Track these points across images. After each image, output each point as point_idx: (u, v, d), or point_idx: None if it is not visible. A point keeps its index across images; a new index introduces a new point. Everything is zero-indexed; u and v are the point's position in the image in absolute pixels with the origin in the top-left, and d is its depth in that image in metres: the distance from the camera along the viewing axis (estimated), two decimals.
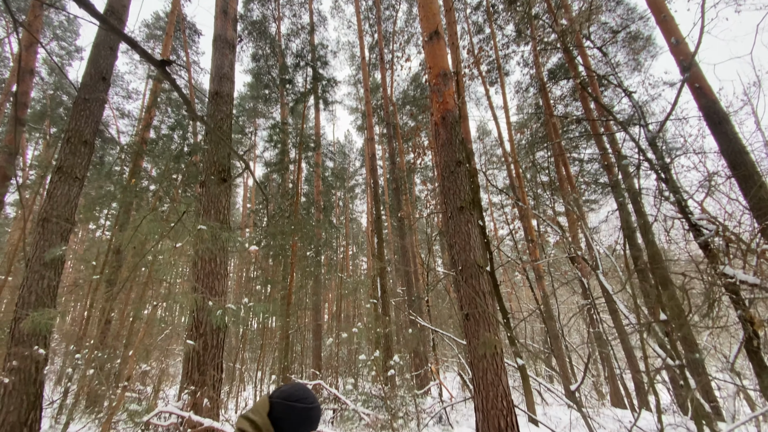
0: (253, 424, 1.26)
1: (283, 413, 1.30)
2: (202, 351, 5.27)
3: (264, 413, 1.29)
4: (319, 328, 9.99)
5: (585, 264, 9.83)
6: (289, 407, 1.31)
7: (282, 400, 1.32)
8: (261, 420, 1.27)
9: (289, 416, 1.30)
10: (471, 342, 4.60)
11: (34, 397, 6.13)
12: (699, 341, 6.54)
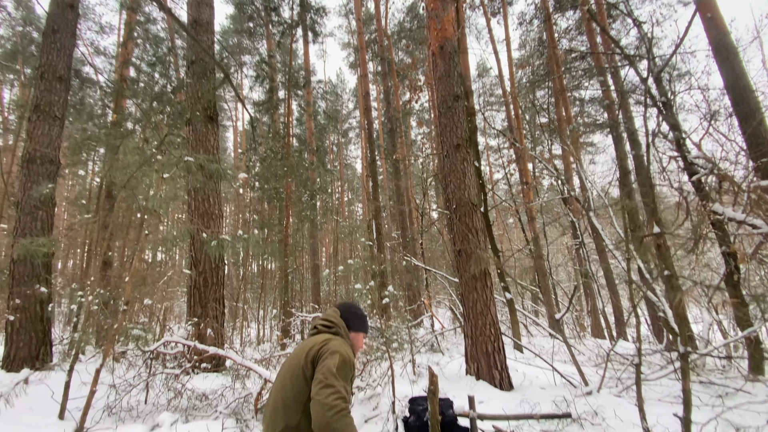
0: (334, 317, 1.84)
1: (349, 314, 1.90)
2: (202, 287, 5.44)
3: (338, 316, 1.86)
4: (317, 268, 10.30)
5: (577, 205, 9.95)
6: (352, 312, 1.91)
7: (345, 309, 1.92)
8: (336, 318, 1.84)
9: (352, 316, 1.90)
10: (462, 276, 4.76)
11: (42, 334, 6.41)
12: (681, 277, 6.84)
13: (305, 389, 1.47)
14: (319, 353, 1.53)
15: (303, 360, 1.53)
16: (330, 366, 1.44)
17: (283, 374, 1.59)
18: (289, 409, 1.47)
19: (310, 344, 1.60)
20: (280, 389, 1.55)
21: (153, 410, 3.89)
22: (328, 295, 9.76)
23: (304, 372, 1.50)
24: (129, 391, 3.98)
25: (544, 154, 10.15)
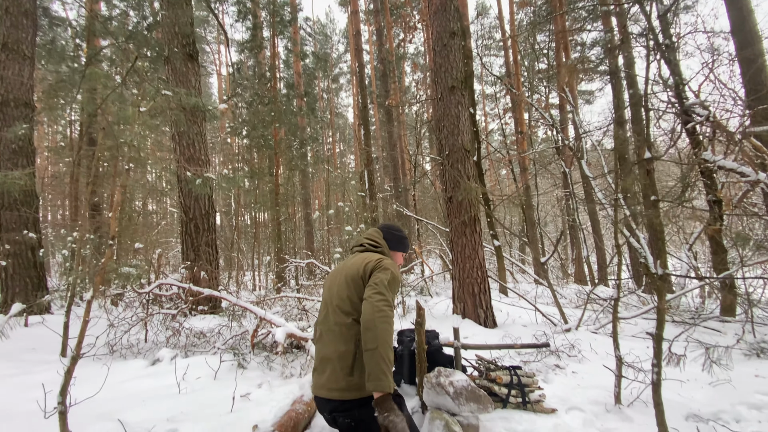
0: (378, 238, 2.03)
1: (390, 236, 2.09)
2: (194, 233, 5.45)
3: (380, 237, 2.05)
4: (309, 217, 10.33)
5: (570, 154, 9.89)
6: (392, 233, 2.10)
7: (387, 229, 2.11)
8: (380, 239, 2.04)
9: (393, 237, 2.09)
10: (453, 222, 4.82)
11: (37, 279, 6.49)
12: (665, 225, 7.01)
13: (363, 291, 1.71)
14: (375, 266, 1.75)
15: (362, 270, 1.75)
16: (383, 279, 1.69)
17: (340, 280, 1.82)
18: (351, 303, 1.73)
19: (365, 258, 1.82)
20: (339, 290, 1.78)
21: (153, 347, 4.05)
22: (322, 243, 9.89)
23: (363, 280, 1.74)
24: (128, 330, 4.12)
25: (541, 102, 9.88)
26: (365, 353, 1.55)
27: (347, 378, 1.64)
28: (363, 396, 1.63)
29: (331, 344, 1.71)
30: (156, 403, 2.67)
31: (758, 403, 2.55)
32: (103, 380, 3.23)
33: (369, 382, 1.50)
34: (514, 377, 2.57)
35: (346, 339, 1.68)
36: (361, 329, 1.60)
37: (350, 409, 1.67)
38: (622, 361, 2.52)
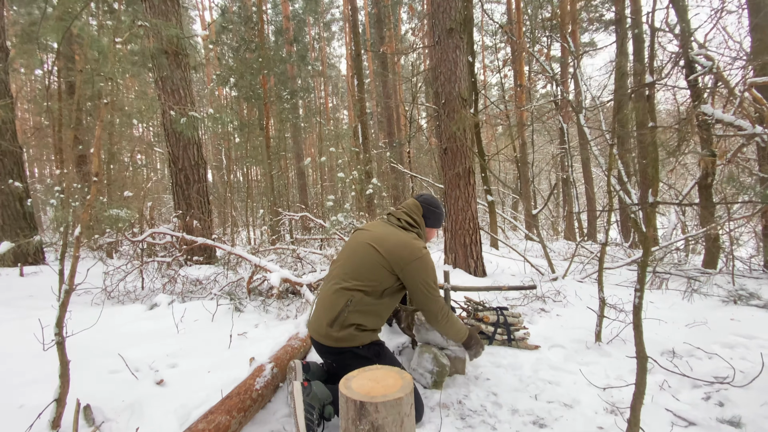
0: (417, 216, 2.07)
1: (429, 212, 2.12)
2: (184, 185, 5.37)
3: (420, 214, 2.09)
4: (302, 171, 10.20)
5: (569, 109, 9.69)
6: (432, 210, 2.13)
7: (428, 205, 2.12)
8: (419, 217, 2.08)
9: (432, 215, 2.13)
10: (447, 174, 4.78)
11: (29, 231, 6.43)
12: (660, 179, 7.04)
13: (387, 277, 1.84)
14: (412, 268, 1.84)
15: (393, 258, 1.83)
16: (430, 284, 1.88)
17: (365, 248, 1.90)
18: (363, 279, 1.83)
19: (400, 244, 1.87)
20: (358, 256, 1.89)
21: (150, 294, 4.13)
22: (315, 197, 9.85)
23: (391, 269, 1.84)
24: (124, 278, 4.17)
25: (542, 52, 9.49)
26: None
27: (327, 328, 1.81)
28: (338, 346, 1.81)
29: (328, 295, 1.88)
30: (155, 342, 2.75)
31: (732, 343, 2.70)
32: (102, 322, 3.31)
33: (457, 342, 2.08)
34: (501, 317, 2.68)
35: (339, 295, 1.82)
36: (439, 330, 2.02)
37: (329, 353, 1.88)
38: (605, 302, 2.62)
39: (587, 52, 16.14)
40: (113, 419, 1.77)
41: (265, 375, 1.91)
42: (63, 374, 1.65)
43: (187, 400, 1.88)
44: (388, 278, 1.85)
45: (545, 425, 1.78)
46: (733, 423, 1.74)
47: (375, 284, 1.83)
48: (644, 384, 1.17)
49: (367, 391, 1.37)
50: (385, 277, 1.84)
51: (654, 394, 2.03)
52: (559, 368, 2.34)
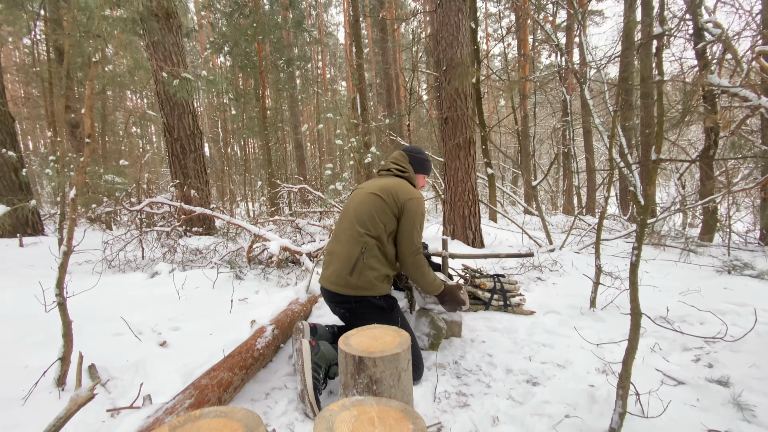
0: (404, 163, 2.19)
1: (414, 159, 2.25)
2: (180, 155, 5.30)
3: (407, 161, 2.22)
4: (300, 142, 10.06)
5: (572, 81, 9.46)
6: (416, 157, 2.26)
7: (412, 153, 2.27)
8: (406, 164, 2.20)
9: (417, 161, 2.25)
10: (447, 144, 4.72)
11: (26, 201, 6.41)
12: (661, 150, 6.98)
13: (390, 220, 1.93)
14: (406, 206, 1.93)
15: (392, 199, 1.94)
16: (416, 226, 1.95)
17: (365, 195, 1.99)
18: (372, 226, 1.91)
19: (397, 186, 1.98)
20: (362, 204, 1.97)
21: (150, 263, 4.16)
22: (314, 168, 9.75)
23: (392, 208, 1.93)
24: (123, 247, 4.19)
25: (547, 18, 9.16)
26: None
27: (347, 277, 1.86)
28: (358, 294, 1.88)
29: (340, 244, 1.95)
30: (157, 307, 2.80)
31: (724, 310, 2.75)
32: (104, 289, 3.35)
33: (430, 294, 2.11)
34: (497, 284, 2.71)
35: (354, 244, 1.89)
36: (408, 274, 2.03)
37: (346, 302, 1.91)
38: (601, 269, 2.65)
39: (593, 17, 15.59)
40: (118, 377, 1.81)
41: (266, 336, 1.95)
42: (66, 333, 1.68)
43: (189, 360, 1.92)
44: (392, 221, 1.95)
45: (538, 383, 1.83)
46: (722, 382, 1.79)
47: (382, 228, 1.92)
48: (637, 340, 1.19)
49: (365, 348, 1.40)
50: (390, 220, 1.94)
51: (645, 356, 2.08)
52: (554, 332, 2.39)
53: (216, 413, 0.95)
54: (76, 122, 6.99)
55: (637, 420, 1.40)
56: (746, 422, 1.48)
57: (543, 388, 1.76)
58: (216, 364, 1.64)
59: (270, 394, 1.79)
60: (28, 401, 1.59)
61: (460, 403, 1.71)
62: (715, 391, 1.71)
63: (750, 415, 1.52)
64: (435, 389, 1.80)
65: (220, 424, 0.91)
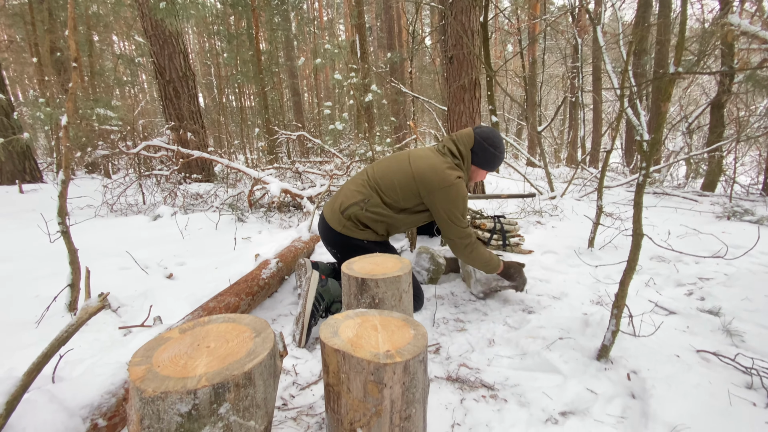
0: (464, 149, 1.85)
1: (481, 149, 1.86)
2: (174, 98, 5.11)
3: (468, 146, 1.86)
4: (296, 87, 9.68)
5: (585, 22, 8.89)
6: (486, 148, 1.85)
7: (481, 138, 1.86)
8: (466, 151, 1.85)
9: (484, 153, 1.86)
10: (451, 86, 4.52)
11: (21, 148, 6.31)
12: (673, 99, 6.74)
13: (410, 198, 1.78)
14: (440, 195, 1.73)
15: (423, 185, 1.74)
16: (456, 212, 1.74)
17: (398, 164, 1.83)
18: (387, 190, 1.80)
19: (430, 171, 1.75)
20: (392, 168, 1.83)
21: (151, 207, 4.17)
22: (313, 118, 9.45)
23: (419, 193, 1.76)
24: (124, 191, 4.17)
25: None
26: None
27: (339, 216, 1.85)
28: (346, 234, 1.86)
29: (349, 185, 1.91)
30: (162, 245, 2.84)
31: (720, 252, 2.79)
32: (108, 231, 3.38)
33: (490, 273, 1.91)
34: (497, 224, 2.72)
35: (359, 192, 1.84)
36: (461, 259, 1.87)
37: (338, 242, 1.90)
38: (602, 209, 2.65)
39: None
40: (128, 304, 1.88)
41: (271, 267, 1.99)
42: (72, 261, 1.71)
43: (196, 290, 1.98)
44: (411, 198, 1.79)
45: (534, 312, 1.90)
46: (713, 312, 1.85)
47: (396, 198, 1.80)
48: (636, 260, 1.20)
49: (368, 271, 1.43)
50: (408, 197, 1.79)
51: (639, 289, 2.14)
52: (551, 269, 2.45)
53: (224, 319, 0.98)
54: (62, 62, 6.66)
55: (628, 339, 1.46)
56: (734, 347, 1.55)
57: (538, 315, 1.83)
58: (223, 290, 1.69)
59: (276, 320, 1.87)
60: (41, 324, 1.66)
61: (457, 328, 1.78)
62: (705, 320, 1.77)
63: (738, 341, 1.58)
64: (434, 316, 1.87)
65: (228, 328, 0.94)
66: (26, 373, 0.89)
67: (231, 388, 0.75)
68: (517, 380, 1.38)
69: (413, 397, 0.88)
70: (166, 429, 0.73)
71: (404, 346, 0.89)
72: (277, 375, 0.91)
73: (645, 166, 1.12)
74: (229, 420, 0.76)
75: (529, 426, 1.15)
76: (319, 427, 1.14)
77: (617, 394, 1.25)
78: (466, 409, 1.23)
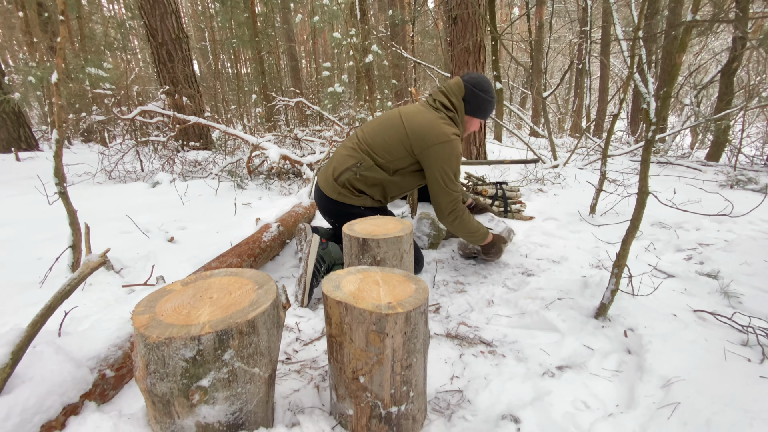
0: (456, 99, 1.79)
1: (473, 97, 1.79)
2: (167, 61, 4.93)
3: (460, 96, 1.79)
4: (293, 51, 9.34)
5: None
6: (477, 94, 1.79)
7: (471, 86, 1.79)
8: (458, 101, 1.79)
9: (476, 100, 1.80)
10: (454, 48, 4.36)
11: (15, 116, 6.18)
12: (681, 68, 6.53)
13: (404, 157, 1.73)
14: (432, 152, 1.67)
15: (417, 141, 1.69)
16: (449, 173, 1.69)
17: (389, 122, 1.78)
18: (380, 150, 1.75)
19: (425, 126, 1.69)
20: (383, 128, 1.77)
21: (150, 174, 4.13)
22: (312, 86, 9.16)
23: (412, 150, 1.71)
24: (122, 157, 4.11)
25: None
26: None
27: (334, 183, 1.82)
28: (342, 202, 1.82)
29: (344, 150, 1.85)
30: (162, 211, 2.83)
31: (721, 218, 2.78)
32: (107, 197, 3.36)
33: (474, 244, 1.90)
34: (499, 190, 2.70)
35: (351, 155, 1.79)
36: (446, 226, 1.82)
37: (334, 210, 1.86)
38: (605, 175, 2.62)
39: None
40: (131, 266, 1.89)
41: (272, 231, 1.98)
42: (72, 222, 1.70)
43: (198, 252, 1.98)
44: (405, 158, 1.74)
45: (533, 275, 1.91)
46: (711, 275, 1.86)
47: (389, 159, 1.75)
48: (639, 219, 1.19)
49: (369, 232, 1.42)
50: (402, 156, 1.73)
51: (639, 254, 2.15)
52: (551, 234, 2.45)
53: (226, 273, 0.98)
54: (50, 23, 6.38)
55: (626, 298, 1.48)
56: (731, 308, 1.56)
57: (537, 278, 1.84)
58: (225, 252, 1.69)
59: (278, 282, 1.88)
60: (45, 284, 1.67)
61: (457, 290, 1.80)
62: (703, 282, 1.78)
63: (736, 302, 1.60)
64: (434, 278, 1.89)
65: (230, 281, 0.94)
66: (30, 325, 0.90)
67: (235, 335, 0.76)
68: (515, 337, 1.40)
69: (414, 347, 0.90)
70: (171, 373, 0.74)
71: (406, 299, 0.90)
72: (281, 326, 0.92)
73: (656, 120, 1.08)
74: (234, 366, 0.78)
75: (526, 379, 1.18)
76: (322, 378, 1.17)
77: (614, 350, 1.28)
78: (464, 363, 1.26)
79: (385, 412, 0.91)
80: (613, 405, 1.07)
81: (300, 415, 0.97)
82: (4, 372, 0.84)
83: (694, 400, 0.99)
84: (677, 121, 7.63)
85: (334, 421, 0.99)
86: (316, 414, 0.99)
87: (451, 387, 1.15)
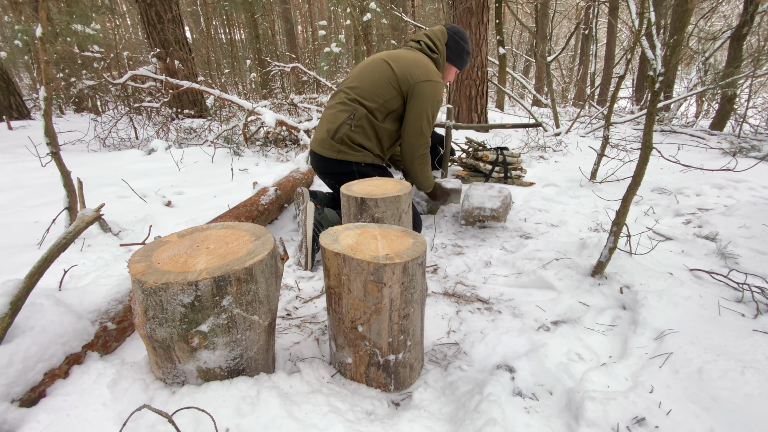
0: (440, 43, 1.90)
1: (454, 44, 1.94)
2: (157, 23, 4.72)
3: (443, 41, 1.92)
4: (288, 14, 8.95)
5: None
6: (458, 42, 1.94)
7: (454, 34, 1.94)
8: (441, 45, 1.91)
9: (456, 48, 1.95)
10: (456, 8, 4.17)
11: (4, 83, 6.01)
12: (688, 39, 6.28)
13: (393, 97, 1.75)
14: (418, 88, 1.72)
15: (403, 76, 1.72)
16: (427, 114, 1.75)
17: (372, 67, 1.81)
18: (369, 95, 1.76)
19: (415, 64, 1.75)
20: (371, 73, 1.79)
21: (145, 142, 4.06)
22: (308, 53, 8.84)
23: (400, 87, 1.74)
24: (115, 123, 4.03)
25: None
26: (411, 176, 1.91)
27: (331, 142, 1.79)
28: (343, 159, 1.80)
29: (332, 109, 1.83)
30: (158, 177, 2.80)
31: (721, 184, 2.76)
32: (102, 164, 3.32)
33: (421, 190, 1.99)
34: (500, 156, 2.66)
35: (343, 109, 1.78)
36: (406, 166, 1.87)
37: (335, 170, 1.84)
38: (608, 140, 2.57)
39: None
40: (129, 229, 1.88)
41: (270, 194, 1.97)
42: (67, 183, 1.68)
43: (196, 215, 1.97)
44: (395, 99, 1.76)
45: (531, 237, 1.92)
46: (709, 238, 1.86)
47: (380, 102, 1.75)
48: (641, 175, 1.17)
49: (367, 192, 1.40)
50: (392, 96, 1.75)
51: (638, 218, 2.15)
52: (551, 200, 2.43)
53: (223, 226, 0.97)
54: None
55: (624, 256, 1.48)
56: (727, 268, 1.57)
57: (535, 241, 1.85)
58: (222, 213, 1.68)
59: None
60: (43, 245, 1.67)
61: (455, 252, 1.81)
62: (701, 244, 1.79)
63: (732, 263, 1.61)
64: (432, 241, 1.89)
65: (227, 233, 0.93)
66: (28, 276, 0.90)
67: (233, 282, 0.76)
68: (511, 295, 1.42)
69: (411, 298, 0.90)
70: (170, 318, 0.74)
71: (403, 251, 0.89)
72: (279, 276, 0.92)
73: (663, 72, 1.04)
74: (233, 312, 0.78)
75: (522, 333, 1.20)
76: (321, 332, 1.19)
77: (609, 306, 1.30)
78: (461, 319, 1.28)
79: (383, 360, 0.93)
80: (606, 356, 1.10)
81: (300, 363, 0.99)
82: (3, 321, 0.84)
83: (686, 350, 1.01)
84: (683, 91, 7.46)
85: (334, 369, 1.01)
86: (316, 363, 1.01)
87: (447, 340, 1.18)
